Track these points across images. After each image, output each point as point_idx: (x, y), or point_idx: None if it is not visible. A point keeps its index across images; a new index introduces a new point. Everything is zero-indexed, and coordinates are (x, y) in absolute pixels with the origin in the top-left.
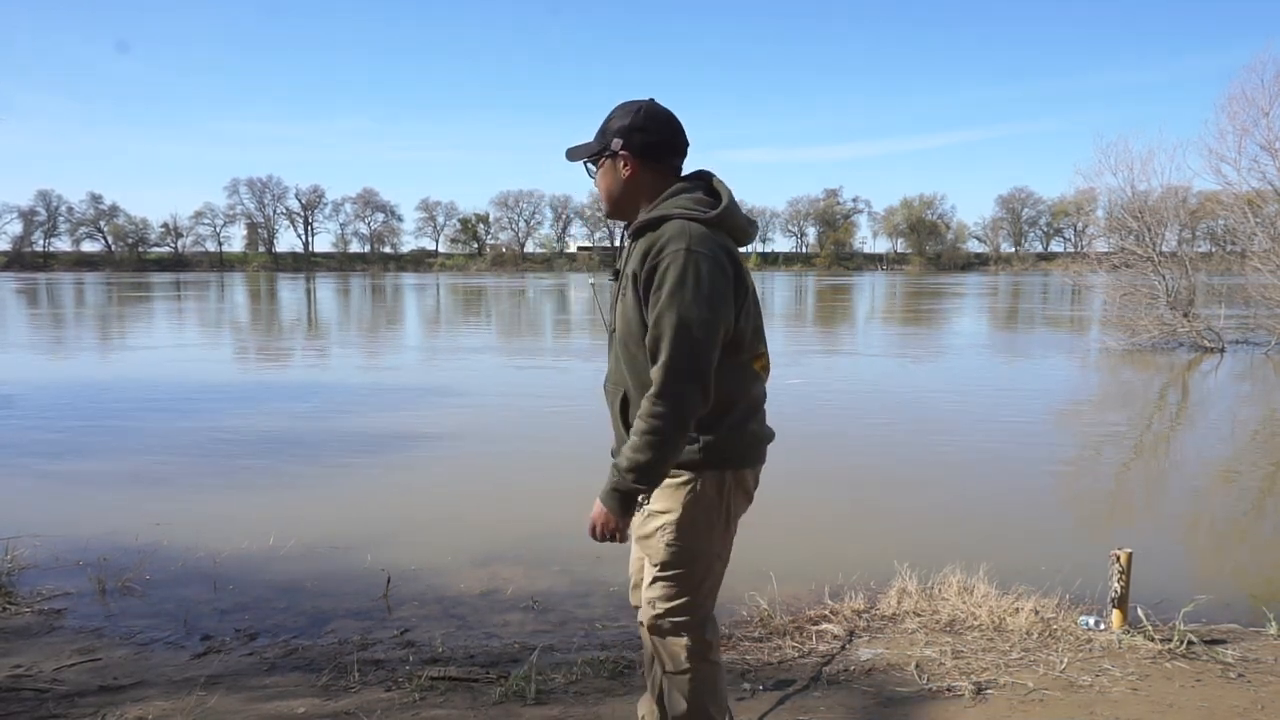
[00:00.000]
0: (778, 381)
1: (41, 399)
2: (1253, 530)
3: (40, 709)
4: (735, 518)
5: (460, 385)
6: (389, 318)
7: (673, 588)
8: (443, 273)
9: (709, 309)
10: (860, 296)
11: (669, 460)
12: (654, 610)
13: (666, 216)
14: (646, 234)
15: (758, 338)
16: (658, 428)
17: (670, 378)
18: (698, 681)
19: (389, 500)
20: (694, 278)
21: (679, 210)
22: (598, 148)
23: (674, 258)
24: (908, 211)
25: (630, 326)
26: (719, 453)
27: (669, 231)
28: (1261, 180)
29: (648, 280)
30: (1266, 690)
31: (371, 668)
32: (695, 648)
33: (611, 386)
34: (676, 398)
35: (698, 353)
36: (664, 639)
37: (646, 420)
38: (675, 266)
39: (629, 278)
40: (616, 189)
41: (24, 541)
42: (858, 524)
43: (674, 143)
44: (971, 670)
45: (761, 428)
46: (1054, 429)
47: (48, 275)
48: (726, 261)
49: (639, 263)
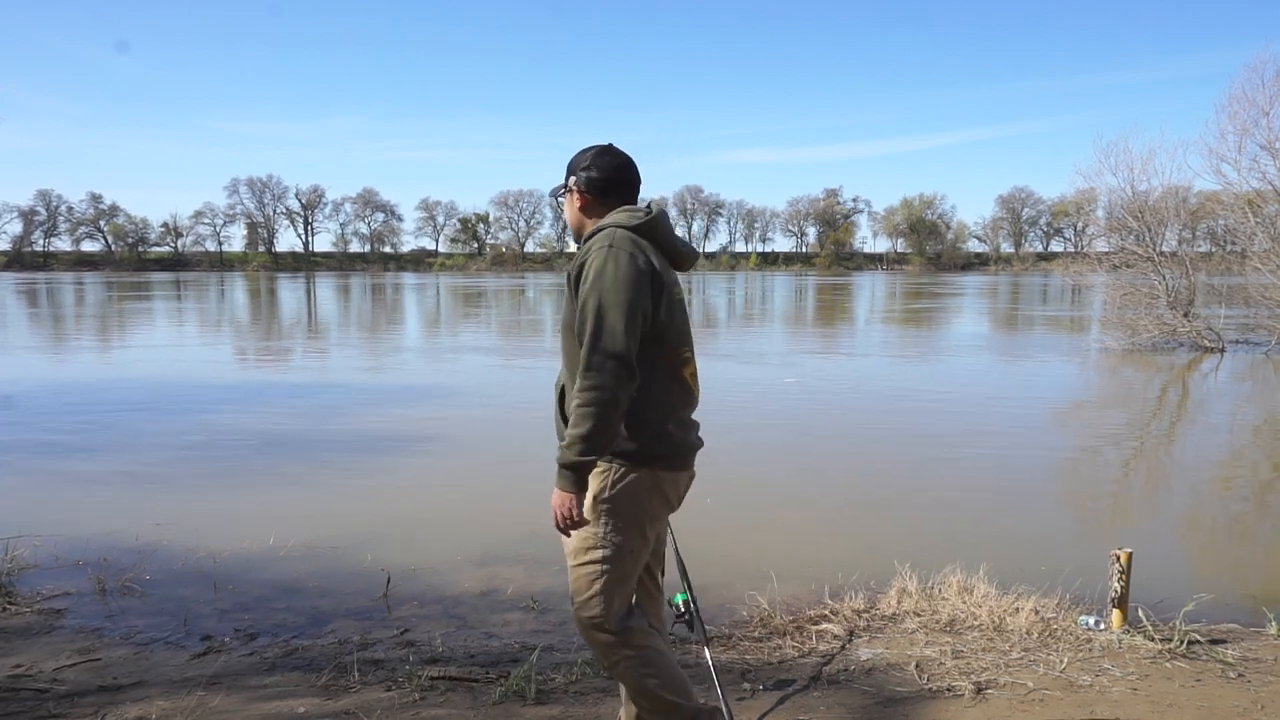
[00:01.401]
0: (776, 381)
1: (41, 399)
2: (1253, 530)
3: (40, 709)
4: (653, 518)
5: (460, 385)
6: (389, 318)
7: (584, 577)
8: (442, 272)
9: (625, 292)
10: (860, 296)
11: (608, 431)
12: (573, 605)
13: (600, 228)
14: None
15: (682, 341)
16: (591, 399)
17: (595, 354)
18: (633, 669)
19: (389, 500)
20: (612, 266)
21: (608, 221)
22: (562, 185)
23: (597, 254)
24: (908, 211)
25: (568, 322)
26: (638, 449)
27: (596, 237)
28: (1262, 180)
29: (577, 276)
30: (1266, 690)
31: (371, 668)
32: (615, 639)
33: (558, 385)
34: (601, 370)
35: (617, 330)
36: (589, 634)
37: (580, 395)
38: (597, 260)
39: (567, 279)
40: (574, 217)
41: (24, 541)
42: (858, 524)
43: (619, 179)
44: (971, 670)
45: (684, 433)
46: (1054, 429)
47: (47, 275)
48: (643, 259)
49: (574, 265)
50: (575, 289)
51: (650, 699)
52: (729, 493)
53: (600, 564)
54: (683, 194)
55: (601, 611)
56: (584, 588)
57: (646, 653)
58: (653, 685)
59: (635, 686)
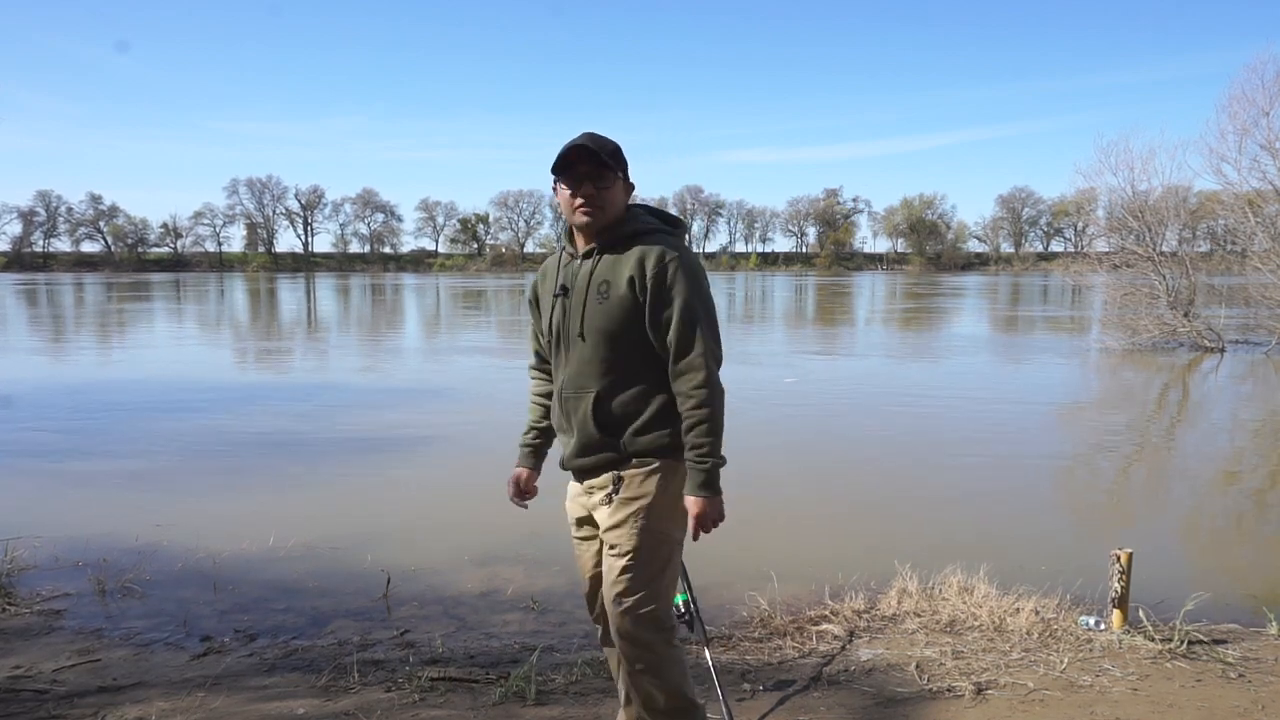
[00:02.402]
0: (776, 381)
1: (41, 399)
2: (1253, 530)
3: (40, 709)
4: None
5: (460, 385)
6: (389, 318)
7: (642, 574)
8: (442, 273)
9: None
10: (860, 296)
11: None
12: (623, 605)
13: (655, 228)
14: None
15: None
16: (715, 407)
17: (710, 357)
18: (672, 667)
19: (389, 500)
20: (701, 271)
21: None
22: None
23: (684, 258)
24: (908, 211)
25: (613, 327)
26: (680, 445)
27: (663, 240)
28: (1262, 180)
29: (654, 282)
30: (1266, 690)
31: (371, 668)
32: (665, 634)
33: (572, 392)
34: (716, 372)
35: (718, 333)
36: (637, 629)
37: (704, 406)
38: (688, 263)
39: (623, 282)
40: (620, 205)
41: (24, 542)
42: (858, 524)
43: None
44: (972, 670)
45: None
46: (1054, 429)
47: (47, 276)
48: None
49: (637, 269)
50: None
51: (679, 699)
52: (729, 493)
53: (665, 561)
54: (683, 194)
55: (662, 607)
56: (642, 585)
57: (681, 651)
58: (685, 685)
59: (670, 686)
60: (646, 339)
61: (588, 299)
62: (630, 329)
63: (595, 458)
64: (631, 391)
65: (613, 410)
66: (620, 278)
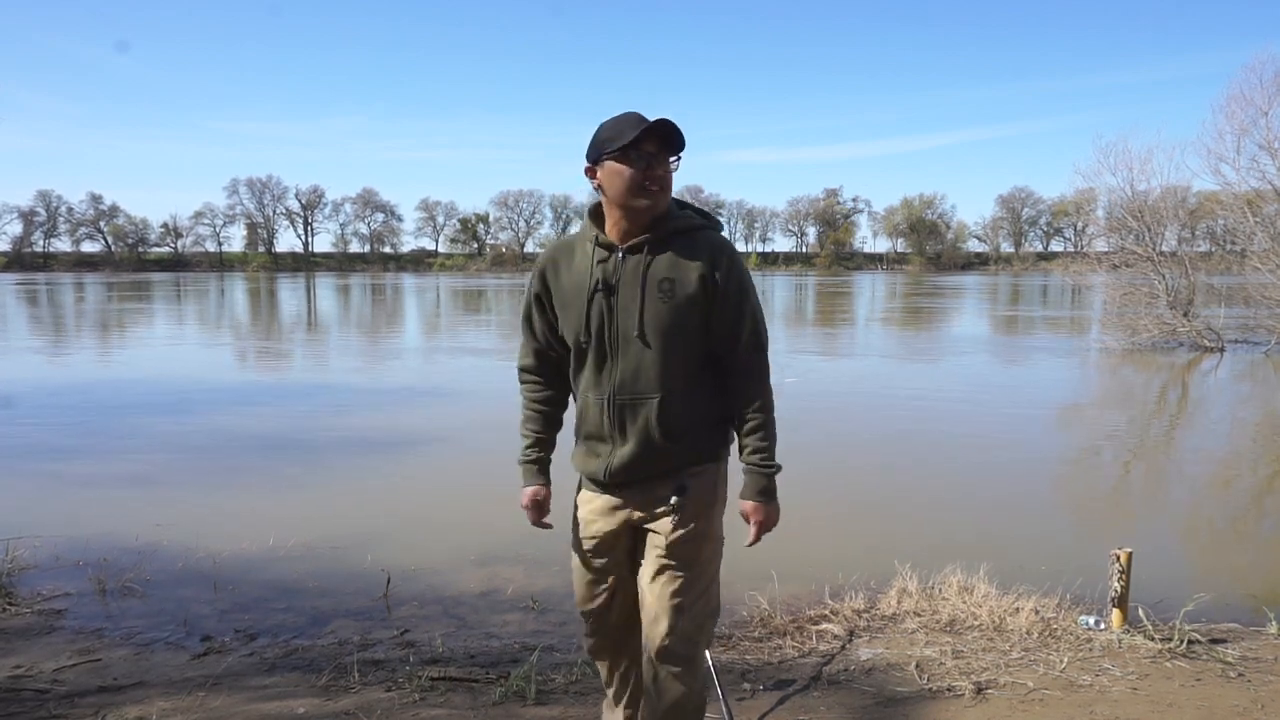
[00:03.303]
0: (776, 382)
1: (41, 399)
2: (1253, 530)
3: (40, 709)
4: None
5: (460, 385)
6: (389, 318)
7: (701, 585)
8: (442, 273)
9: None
10: (860, 296)
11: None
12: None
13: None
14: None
15: None
16: (773, 413)
17: (769, 367)
18: (705, 677)
19: (389, 500)
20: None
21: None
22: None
23: (735, 263)
24: (908, 211)
25: (681, 327)
26: (727, 444)
27: (717, 238)
28: (1261, 180)
29: (725, 282)
30: (1266, 690)
31: (371, 668)
32: (709, 640)
33: (628, 398)
34: (770, 384)
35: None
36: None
37: (768, 411)
38: (740, 264)
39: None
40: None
41: (24, 542)
42: (858, 524)
43: None
44: (972, 670)
45: None
46: (1054, 429)
47: (47, 276)
48: None
49: (708, 268)
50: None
51: (700, 712)
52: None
53: (718, 565)
54: (683, 194)
55: (715, 609)
56: (698, 593)
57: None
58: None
59: (696, 700)
60: (704, 339)
61: (645, 297)
62: (696, 329)
63: (657, 466)
64: (697, 394)
65: (680, 415)
66: (688, 276)
